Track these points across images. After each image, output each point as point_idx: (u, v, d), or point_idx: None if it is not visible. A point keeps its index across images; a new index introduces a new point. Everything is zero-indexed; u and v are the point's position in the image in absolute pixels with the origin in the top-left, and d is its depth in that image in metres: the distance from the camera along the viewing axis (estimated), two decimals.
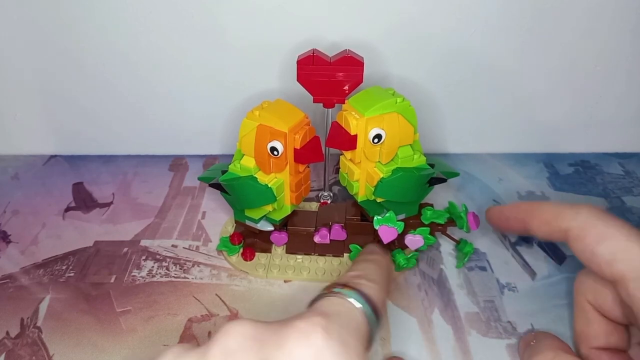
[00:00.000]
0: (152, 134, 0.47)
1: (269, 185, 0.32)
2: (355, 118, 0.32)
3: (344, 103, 0.33)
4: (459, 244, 0.37)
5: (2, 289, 0.35)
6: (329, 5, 0.39)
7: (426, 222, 0.36)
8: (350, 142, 0.32)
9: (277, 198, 0.33)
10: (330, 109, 0.36)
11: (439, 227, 0.36)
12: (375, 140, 0.32)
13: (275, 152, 0.31)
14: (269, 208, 0.34)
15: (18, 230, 0.40)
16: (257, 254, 0.37)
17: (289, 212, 0.35)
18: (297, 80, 0.34)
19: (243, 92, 0.44)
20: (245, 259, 0.37)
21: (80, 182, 0.45)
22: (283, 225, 0.37)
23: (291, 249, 0.37)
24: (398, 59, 0.42)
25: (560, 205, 0.28)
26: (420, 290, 0.35)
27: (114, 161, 0.48)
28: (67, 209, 0.42)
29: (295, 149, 0.32)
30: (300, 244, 0.37)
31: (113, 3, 0.39)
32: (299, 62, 0.33)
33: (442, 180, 0.35)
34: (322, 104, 0.35)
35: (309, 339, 0.21)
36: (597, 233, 0.26)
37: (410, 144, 0.33)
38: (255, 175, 0.33)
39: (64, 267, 0.37)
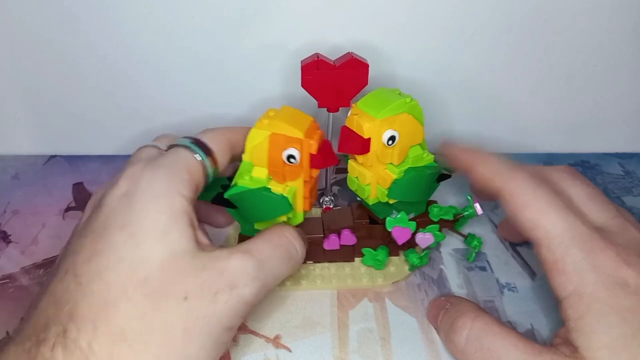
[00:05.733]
0: (151, 134, 0.47)
1: (284, 195, 0.31)
2: (367, 121, 0.31)
3: (349, 106, 0.33)
4: (467, 238, 0.37)
5: (2, 289, 0.35)
6: (327, 6, 0.39)
7: (435, 220, 0.35)
8: (363, 146, 0.32)
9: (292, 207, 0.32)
10: (332, 113, 0.35)
11: (446, 224, 0.36)
12: (390, 142, 0.31)
13: (293, 160, 0.30)
14: (283, 218, 0.33)
15: (18, 230, 0.40)
16: None
17: (302, 220, 0.34)
18: (302, 86, 0.33)
19: (243, 92, 0.44)
20: None
21: (80, 182, 0.45)
22: None
23: (307, 258, 0.35)
24: (397, 59, 0.42)
25: (499, 164, 0.31)
26: (420, 290, 0.35)
27: (114, 161, 0.48)
28: (67, 209, 0.42)
29: (311, 155, 0.31)
30: (310, 252, 0.35)
31: (112, 3, 0.39)
32: (303, 68, 0.33)
33: (448, 177, 0.35)
34: (325, 109, 0.35)
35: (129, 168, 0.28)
36: (525, 199, 0.28)
37: (419, 143, 0.33)
38: (268, 186, 0.32)
39: None
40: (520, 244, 0.39)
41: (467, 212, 0.36)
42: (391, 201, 0.34)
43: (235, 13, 0.40)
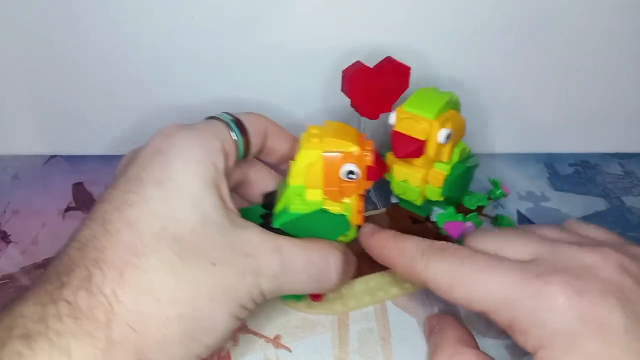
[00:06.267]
0: (152, 135, 0.47)
1: (343, 213, 0.29)
2: (423, 122, 0.31)
3: (390, 111, 0.32)
4: (497, 220, 0.38)
5: (2, 289, 0.35)
6: (326, 6, 0.39)
7: (473, 208, 0.35)
8: (420, 148, 0.31)
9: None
10: (364, 121, 0.34)
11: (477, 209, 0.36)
12: (446, 140, 0.31)
13: (352, 176, 0.29)
14: (341, 238, 0.31)
15: (18, 230, 0.40)
16: None
17: (355, 236, 0.32)
18: (349, 96, 0.32)
19: (244, 91, 0.44)
20: (315, 300, 0.34)
21: (80, 182, 0.45)
22: None
23: (355, 274, 0.34)
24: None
25: (413, 257, 0.28)
26: (421, 290, 0.35)
27: (114, 161, 0.47)
28: (67, 209, 0.42)
29: (368, 167, 0.30)
30: (360, 266, 0.34)
31: (112, 3, 0.39)
32: (350, 78, 0.31)
33: (477, 166, 0.36)
34: (358, 115, 0.34)
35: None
36: (447, 282, 0.26)
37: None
38: (325, 207, 0.29)
39: None
40: None
41: (494, 195, 0.37)
42: (441, 198, 0.34)
43: (236, 13, 0.40)
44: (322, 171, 0.29)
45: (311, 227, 0.30)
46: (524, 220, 0.41)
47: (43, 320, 0.21)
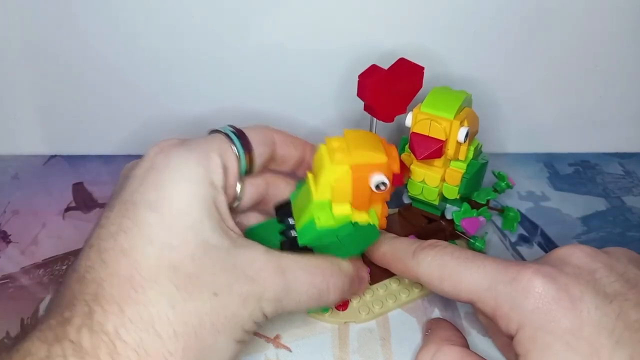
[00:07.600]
0: (151, 135, 0.47)
1: (372, 223, 0.29)
2: (443, 122, 0.31)
3: (405, 113, 0.32)
4: (503, 212, 0.39)
5: (2, 289, 0.35)
6: (327, 7, 0.39)
7: (483, 202, 0.35)
8: (441, 148, 0.31)
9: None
10: (376, 123, 0.34)
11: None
12: (465, 138, 0.31)
13: (383, 187, 0.28)
14: (370, 246, 0.31)
15: (18, 230, 0.40)
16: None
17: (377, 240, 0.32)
18: (367, 100, 0.31)
19: (244, 92, 0.44)
20: (340, 309, 0.33)
21: (80, 182, 0.45)
22: None
23: (374, 279, 0.34)
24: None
25: (405, 256, 0.29)
26: None
27: (114, 161, 0.48)
28: (67, 209, 0.42)
29: (394, 175, 0.29)
30: (381, 271, 0.33)
31: (112, 3, 0.39)
32: (368, 84, 0.31)
33: (487, 162, 0.36)
34: (370, 118, 0.33)
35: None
36: (438, 277, 0.28)
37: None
38: (354, 220, 0.29)
39: (64, 267, 0.37)
40: (520, 244, 0.39)
41: (500, 187, 0.37)
42: (457, 196, 0.34)
43: (236, 13, 0.40)
44: (350, 185, 0.28)
45: (339, 241, 0.29)
46: (524, 220, 0.41)
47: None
